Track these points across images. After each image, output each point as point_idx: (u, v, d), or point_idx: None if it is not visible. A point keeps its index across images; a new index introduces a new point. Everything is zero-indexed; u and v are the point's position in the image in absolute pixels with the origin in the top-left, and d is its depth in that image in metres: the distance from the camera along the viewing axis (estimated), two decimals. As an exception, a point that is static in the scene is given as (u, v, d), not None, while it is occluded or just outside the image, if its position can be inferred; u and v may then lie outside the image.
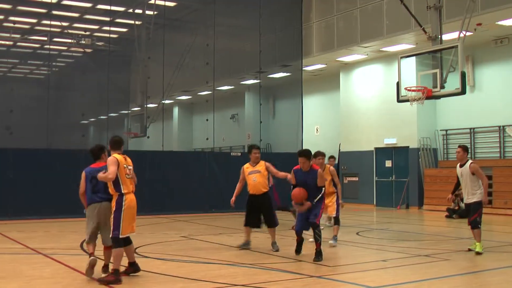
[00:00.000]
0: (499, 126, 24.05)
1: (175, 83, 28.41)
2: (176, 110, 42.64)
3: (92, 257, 9.47)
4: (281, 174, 12.53)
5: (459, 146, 12.65)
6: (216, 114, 26.37)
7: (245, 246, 12.75)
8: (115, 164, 9.30)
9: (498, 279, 9.77)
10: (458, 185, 12.72)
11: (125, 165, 9.51)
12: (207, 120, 26.47)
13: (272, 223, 12.60)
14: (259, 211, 12.65)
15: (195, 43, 28.32)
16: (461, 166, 12.40)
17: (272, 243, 12.53)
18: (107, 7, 26.83)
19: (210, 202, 23.18)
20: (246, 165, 12.92)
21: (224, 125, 33.77)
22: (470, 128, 25.07)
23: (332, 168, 13.73)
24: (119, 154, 9.56)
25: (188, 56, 28.15)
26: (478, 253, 11.86)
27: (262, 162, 12.79)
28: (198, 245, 14.02)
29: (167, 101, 32.28)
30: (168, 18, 28.21)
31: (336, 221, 13.85)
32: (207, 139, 26.18)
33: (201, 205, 23.10)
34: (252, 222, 12.73)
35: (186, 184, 23.41)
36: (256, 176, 12.66)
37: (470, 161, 12.37)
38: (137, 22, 29.15)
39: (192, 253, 12.26)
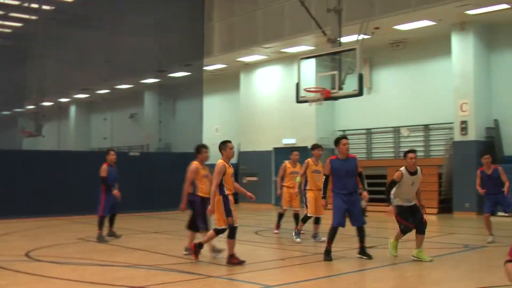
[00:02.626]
0: (394, 127, 24.78)
1: (73, 81, 27.72)
2: (73, 109, 41.57)
3: None
4: None
5: (413, 152, 11.50)
6: (114, 113, 25.90)
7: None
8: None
9: (395, 274, 9.98)
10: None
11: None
12: (105, 119, 25.96)
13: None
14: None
15: (94, 40, 27.72)
16: (412, 173, 11.29)
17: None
18: (0, 0, 25.88)
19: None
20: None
21: (123, 124, 33.21)
22: (367, 129, 25.70)
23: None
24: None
25: (87, 53, 27.51)
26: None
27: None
28: (95, 247, 13.68)
29: (64, 100, 31.47)
30: (66, 14, 27.49)
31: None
32: (104, 138, 25.67)
33: (98, 206, 22.44)
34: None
35: (84, 185, 22.74)
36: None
37: (419, 168, 11.51)
38: (33, 17, 28.23)
39: (89, 255, 11.96)
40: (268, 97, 28.70)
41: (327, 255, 11.22)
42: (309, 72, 20.26)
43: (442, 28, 22.10)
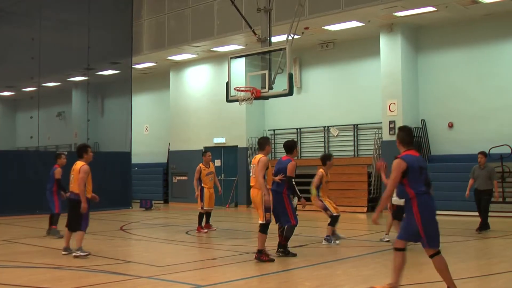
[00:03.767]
0: (324, 127, 25.04)
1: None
2: (-3, 107, 40.54)
3: None
4: None
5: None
6: (41, 111, 25.29)
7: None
8: None
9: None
10: None
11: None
12: (31, 117, 25.34)
13: None
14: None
15: (19, 36, 26.94)
16: None
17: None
18: None
19: (35, 203, 22.08)
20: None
21: (50, 123, 32.49)
22: (297, 128, 25.88)
23: None
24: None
25: (12, 49, 26.71)
26: None
27: None
28: (21, 249, 13.35)
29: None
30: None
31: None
32: (31, 137, 25.07)
33: (26, 206, 21.89)
34: None
35: (9, 184, 22.17)
36: None
37: None
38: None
39: (15, 257, 11.66)
40: (198, 96, 28.59)
41: (288, 251, 11.59)
42: (239, 71, 20.26)
43: (370, 29, 22.44)
